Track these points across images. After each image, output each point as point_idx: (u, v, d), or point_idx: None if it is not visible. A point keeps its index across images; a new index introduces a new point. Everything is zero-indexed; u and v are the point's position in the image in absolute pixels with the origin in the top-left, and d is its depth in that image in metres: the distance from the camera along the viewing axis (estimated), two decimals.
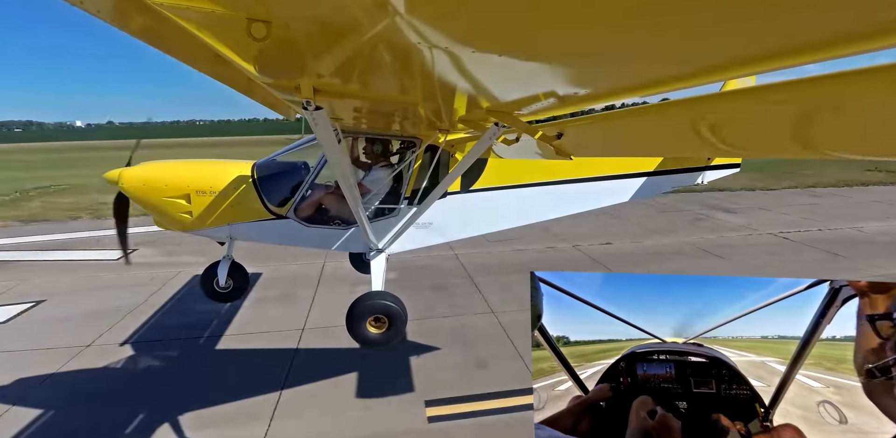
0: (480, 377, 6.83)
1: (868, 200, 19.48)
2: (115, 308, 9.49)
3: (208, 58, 2.12)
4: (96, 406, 6.32)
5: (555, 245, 13.38)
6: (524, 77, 1.80)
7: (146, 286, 10.77)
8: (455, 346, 7.78)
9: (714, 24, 1.04)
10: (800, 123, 2.02)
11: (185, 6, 1.31)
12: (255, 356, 7.72)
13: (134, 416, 6.07)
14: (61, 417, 6.16)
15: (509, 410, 6.02)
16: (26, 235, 16.42)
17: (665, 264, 11.28)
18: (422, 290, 10.10)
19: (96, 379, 7.04)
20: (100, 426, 5.93)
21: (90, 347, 7.93)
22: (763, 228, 15.04)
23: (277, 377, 6.93)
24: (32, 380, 6.94)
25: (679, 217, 16.78)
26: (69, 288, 10.92)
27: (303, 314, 9.11)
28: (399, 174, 5.44)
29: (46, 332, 8.58)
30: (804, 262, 11.59)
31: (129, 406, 6.30)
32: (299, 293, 10.25)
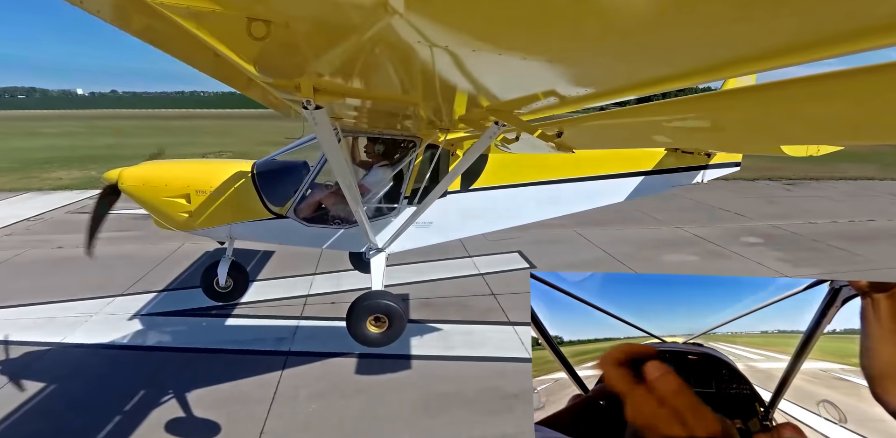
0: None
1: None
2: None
3: (208, 57, 2.12)
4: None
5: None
6: (524, 76, 1.80)
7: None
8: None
9: (714, 24, 1.04)
10: (798, 120, 2.03)
11: (184, 6, 1.31)
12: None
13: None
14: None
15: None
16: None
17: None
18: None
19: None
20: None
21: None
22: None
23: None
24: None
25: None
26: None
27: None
28: (399, 174, 5.44)
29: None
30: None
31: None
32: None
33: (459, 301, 8.87)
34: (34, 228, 13.90)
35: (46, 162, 25.66)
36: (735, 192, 19.28)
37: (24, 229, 13.79)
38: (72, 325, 7.79)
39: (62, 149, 32.05)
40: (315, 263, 10.26)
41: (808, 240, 12.89)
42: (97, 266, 8.68)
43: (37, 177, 21.58)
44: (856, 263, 11.09)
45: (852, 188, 20.99)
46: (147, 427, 5.45)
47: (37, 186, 19.83)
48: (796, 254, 11.71)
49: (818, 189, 20.69)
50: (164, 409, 5.76)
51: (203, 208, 5.39)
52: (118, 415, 5.63)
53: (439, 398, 6.02)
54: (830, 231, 13.75)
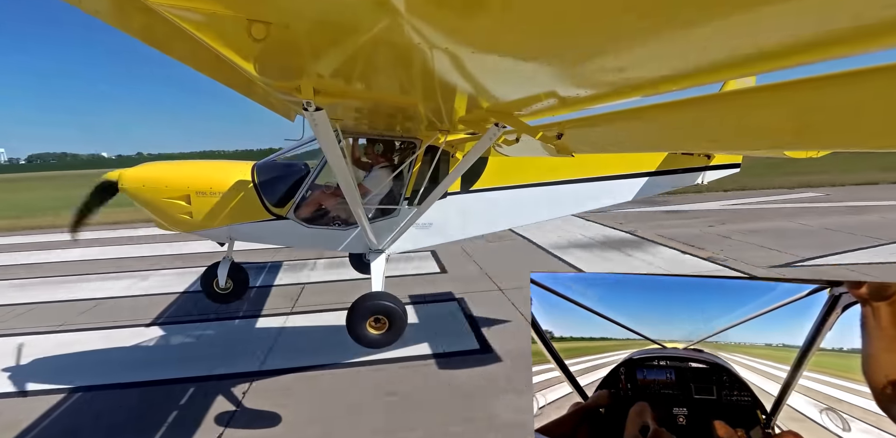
0: None
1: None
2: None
3: (209, 59, 2.12)
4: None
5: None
6: (524, 78, 1.80)
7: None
8: None
9: (715, 25, 1.04)
10: (799, 122, 2.02)
11: (184, 7, 1.30)
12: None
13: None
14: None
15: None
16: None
17: None
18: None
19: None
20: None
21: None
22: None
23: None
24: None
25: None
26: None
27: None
28: (399, 175, 5.44)
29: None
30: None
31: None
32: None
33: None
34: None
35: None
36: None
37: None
38: None
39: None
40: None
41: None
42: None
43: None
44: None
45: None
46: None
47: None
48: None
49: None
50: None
51: (203, 210, 5.38)
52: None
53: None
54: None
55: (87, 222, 5.67)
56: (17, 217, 23.53)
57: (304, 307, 8.84)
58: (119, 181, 5.35)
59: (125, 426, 5.24)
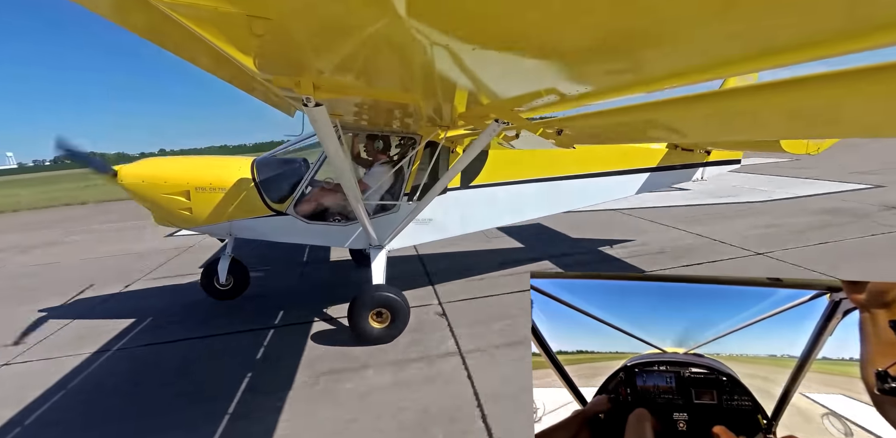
0: None
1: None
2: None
3: (209, 54, 2.11)
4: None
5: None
6: (525, 74, 1.79)
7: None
8: None
9: (715, 22, 1.04)
10: (799, 118, 2.02)
11: (185, 3, 1.30)
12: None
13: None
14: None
15: None
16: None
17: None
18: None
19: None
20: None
21: None
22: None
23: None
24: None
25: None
26: None
27: None
28: (399, 171, 5.44)
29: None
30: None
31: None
32: None
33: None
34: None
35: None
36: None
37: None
38: None
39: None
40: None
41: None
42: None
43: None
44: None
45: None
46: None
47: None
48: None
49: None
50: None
51: (203, 205, 5.38)
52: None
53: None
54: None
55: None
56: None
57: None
58: (118, 177, 5.34)
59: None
